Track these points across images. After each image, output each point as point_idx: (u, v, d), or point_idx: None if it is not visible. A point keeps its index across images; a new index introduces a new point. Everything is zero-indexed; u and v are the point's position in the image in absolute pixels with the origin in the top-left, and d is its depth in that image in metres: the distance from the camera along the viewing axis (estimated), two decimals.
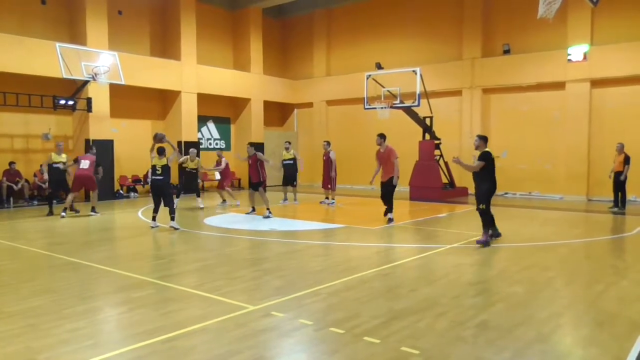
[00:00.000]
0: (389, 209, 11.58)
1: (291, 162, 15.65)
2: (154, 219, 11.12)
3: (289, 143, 16.33)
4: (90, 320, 5.06)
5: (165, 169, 11.09)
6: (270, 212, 12.62)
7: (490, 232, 9.07)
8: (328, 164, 15.56)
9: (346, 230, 10.93)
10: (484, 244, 8.79)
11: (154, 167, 11.12)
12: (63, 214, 12.88)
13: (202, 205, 14.70)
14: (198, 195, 14.90)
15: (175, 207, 11.32)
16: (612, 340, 4.53)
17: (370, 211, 13.75)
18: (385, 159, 11.42)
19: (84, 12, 16.61)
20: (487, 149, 9.12)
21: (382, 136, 11.62)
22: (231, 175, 15.77)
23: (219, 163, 15.98)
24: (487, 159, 8.90)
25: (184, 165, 14.93)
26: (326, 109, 23.53)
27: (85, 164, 13.24)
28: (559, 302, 5.71)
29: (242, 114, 22.68)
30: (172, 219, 10.85)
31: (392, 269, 7.24)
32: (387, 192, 11.48)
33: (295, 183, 16.09)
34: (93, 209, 13.38)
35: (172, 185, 11.27)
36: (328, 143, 16.06)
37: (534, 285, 6.38)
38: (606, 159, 15.49)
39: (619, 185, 13.86)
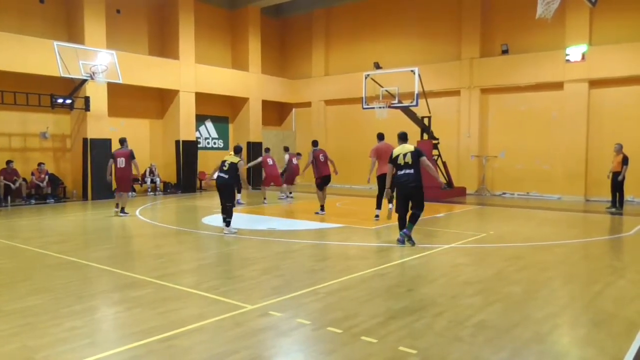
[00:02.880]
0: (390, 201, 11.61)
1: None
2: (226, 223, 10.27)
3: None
4: (88, 319, 5.05)
5: (233, 167, 10.19)
6: (321, 210, 13.04)
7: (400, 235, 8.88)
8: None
9: (344, 230, 10.93)
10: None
11: (222, 163, 10.28)
12: (116, 209, 12.84)
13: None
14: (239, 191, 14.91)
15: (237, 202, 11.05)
16: (610, 340, 4.54)
17: (368, 211, 13.75)
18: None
19: (82, 11, 16.57)
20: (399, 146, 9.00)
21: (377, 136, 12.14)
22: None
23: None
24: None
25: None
26: (324, 108, 23.54)
27: (121, 161, 12.49)
28: (557, 302, 5.72)
29: (241, 113, 22.67)
30: (228, 224, 10.17)
31: (390, 269, 7.24)
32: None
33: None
34: (123, 210, 12.82)
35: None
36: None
37: (532, 285, 6.39)
38: (604, 160, 15.51)
39: (617, 185, 13.87)
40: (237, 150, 10.98)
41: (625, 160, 13.68)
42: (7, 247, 8.94)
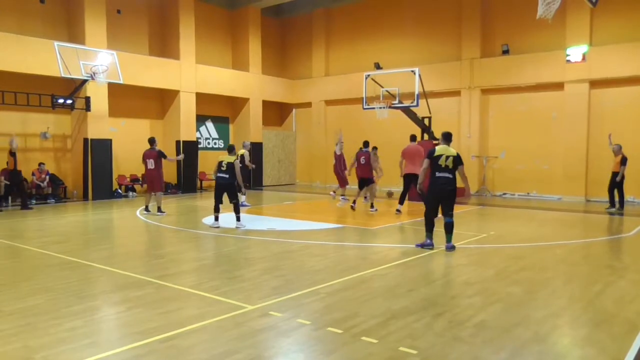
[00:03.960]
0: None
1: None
2: (216, 218, 11.02)
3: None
4: (88, 319, 5.06)
5: (230, 167, 10.88)
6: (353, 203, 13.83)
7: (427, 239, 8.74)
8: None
9: (345, 230, 10.94)
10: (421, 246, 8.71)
11: (220, 163, 10.95)
12: (145, 211, 13.10)
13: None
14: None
15: (241, 204, 12.01)
16: (610, 340, 4.54)
17: (370, 211, 13.75)
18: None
19: (83, 11, 16.58)
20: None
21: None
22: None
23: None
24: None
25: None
26: (325, 108, 23.54)
27: (150, 163, 12.98)
28: (557, 302, 5.72)
29: (241, 114, 22.67)
30: (238, 219, 10.90)
31: (390, 269, 7.24)
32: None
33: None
34: (159, 209, 13.00)
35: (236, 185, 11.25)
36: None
37: (532, 285, 6.39)
38: (605, 160, 15.50)
39: (617, 185, 13.87)
40: (230, 150, 11.38)
41: (623, 161, 13.68)
42: (8, 247, 8.95)
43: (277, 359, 4.20)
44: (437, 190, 8.56)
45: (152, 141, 13.25)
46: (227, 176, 10.79)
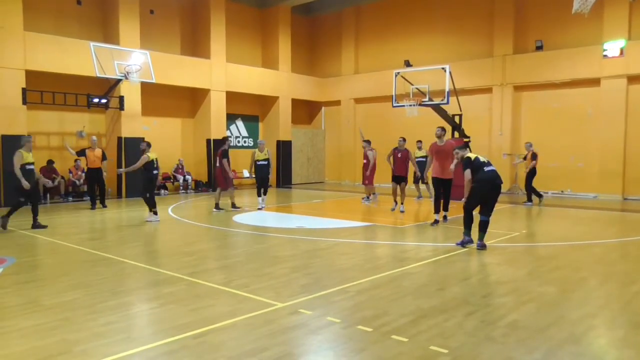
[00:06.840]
0: (446, 208, 11.23)
1: (265, 162, 14.26)
2: (155, 213, 11.88)
3: (263, 142, 15.19)
4: (123, 314, 5.18)
5: (157, 162, 12.03)
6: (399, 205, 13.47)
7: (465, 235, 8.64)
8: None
9: (374, 229, 10.90)
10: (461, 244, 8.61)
11: (154, 161, 11.77)
12: (215, 210, 13.46)
13: (262, 205, 14.04)
14: (265, 193, 14.09)
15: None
16: None
17: (398, 210, 13.68)
18: (446, 153, 10.96)
19: (117, 12, 16.94)
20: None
21: (443, 129, 11.36)
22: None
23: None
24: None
25: (255, 158, 14.20)
26: (354, 106, 23.48)
27: (217, 160, 13.66)
28: (593, 302, 5.59)
29: (270, 112, 22.81)
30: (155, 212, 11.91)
31: (420, 268, 7.19)
32: (447, 190, 11.12)
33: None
34: (233, 205, 13.71)
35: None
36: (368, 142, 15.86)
37: (566, 285, 6.26)
38: None
39: (527, 178, 15.08)
40: (149, 145, 11.95)
41: (533, 157, 15.01)
42: (46, 243, 9.22)
43: (307, 357, 4.23)
44: (486, 184, 8.29)
45: (223, 140, 13.53)
46: (157, 172, 11.95)
